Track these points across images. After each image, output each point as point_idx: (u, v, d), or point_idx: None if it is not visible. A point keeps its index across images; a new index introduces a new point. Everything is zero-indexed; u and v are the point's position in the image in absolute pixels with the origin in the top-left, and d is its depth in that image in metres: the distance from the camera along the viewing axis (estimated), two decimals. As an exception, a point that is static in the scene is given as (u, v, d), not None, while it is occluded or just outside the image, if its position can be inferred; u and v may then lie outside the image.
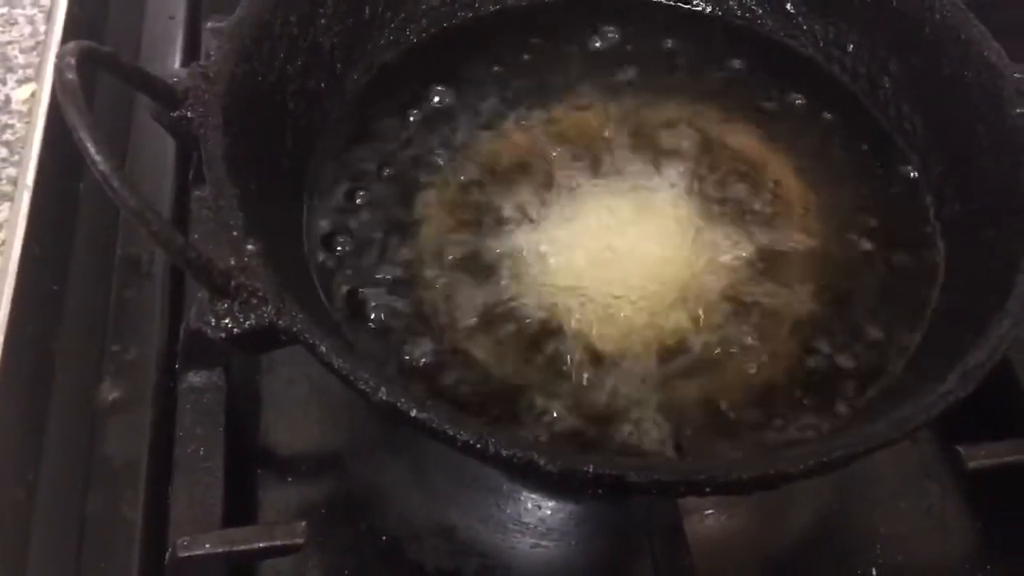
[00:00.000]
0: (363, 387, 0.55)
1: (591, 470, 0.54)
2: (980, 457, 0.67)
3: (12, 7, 0.96)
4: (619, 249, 0.72)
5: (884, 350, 0.68)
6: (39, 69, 0.86)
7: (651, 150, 0.78)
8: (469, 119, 0.79)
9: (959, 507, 0.72)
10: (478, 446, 0.54)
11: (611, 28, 0.85)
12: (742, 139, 0.79)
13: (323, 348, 0.56)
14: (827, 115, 0.82)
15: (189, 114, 0.64)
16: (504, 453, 0.54)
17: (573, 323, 0.68)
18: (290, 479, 0.73)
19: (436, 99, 0.80)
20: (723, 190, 0.76)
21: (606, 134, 0.79)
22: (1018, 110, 0.70)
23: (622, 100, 0.82)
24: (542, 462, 0.54)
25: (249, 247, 0.58)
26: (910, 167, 0.79)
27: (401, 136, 0.77)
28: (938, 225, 0.75)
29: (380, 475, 0.72)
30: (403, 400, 0.55)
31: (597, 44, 0.87)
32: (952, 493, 0.72)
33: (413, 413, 0.55)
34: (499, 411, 0.64)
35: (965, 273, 0.71)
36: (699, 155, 0.78)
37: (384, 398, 0.55)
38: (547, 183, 0.75)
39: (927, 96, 0.78)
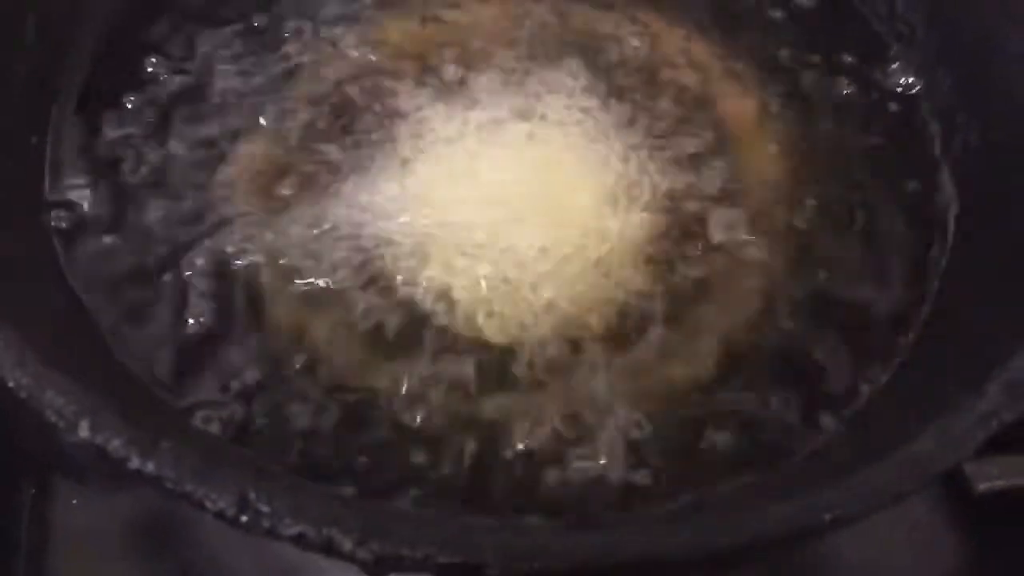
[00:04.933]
0: (51, 417, 0.35)
1: (426, 556, 0.34)
2: (991, 477, 0.58)
3: None
4: (506, 196, 0.58)
5: (875, 335, 0.56)
6: None
7: (555, 59, 0.64)
8: (282, 34, 0.65)
9: (948, 526, 0.63)
10: (241, 517, 0.34)
11: None
12: (681, 45, 0.67)
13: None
14: (797, 12, 0.69)
15: None
16: (285, 530, 0.35)
17: (442, 298, 0.55)
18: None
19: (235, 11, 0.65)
20: (654, 116, 0.62)
21: (489, 40, 0.65)
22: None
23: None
24: (347, 545, 0.35)
25: None
26: (908, 82, 0.66)
27: (192, 61, 0.63)
28: (946, 161, 0.62)
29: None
30: (119, 442, 0.34)
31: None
32: (939, 510, 0.63)
33: (134, 464, 0.34)
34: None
35: (985, 232, 0.59)
36: (620, 67, 0.64)
37: (85, 436, 0.35)
38: (401, 112, 0.61)
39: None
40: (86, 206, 0.57)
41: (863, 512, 0.41)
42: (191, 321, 0.53)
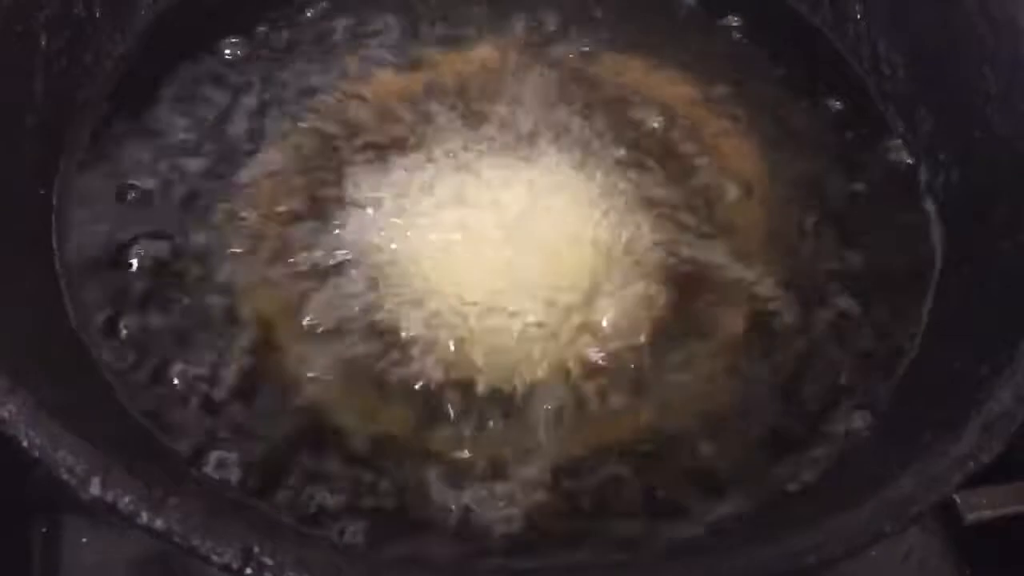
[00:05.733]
0: (63, 475, 0.36)
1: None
2: (980, 507, 0.58)
3: None
4: (506, 243, 0.58)
5: (856, 378, 0.56)
6: None
7: (552, 107, 0.64)
8: (307, 64, 0.66)
9: (942, 554, 0.62)
10: (246, 570, 0.36)
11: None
12: (671, 89, 0.67)
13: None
14: (779, 56, 0.69)
15: None
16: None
17: (440, 348, 0.55)
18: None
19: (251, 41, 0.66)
20: (647, 160, 0.63)
21: (495, 85, 0.65)
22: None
23: (515, 37, 0.68)
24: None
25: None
26: (889, 123, 0.66)
27: (207, 95, 0.64)
28: (930, 202, 0.62)
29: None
30: (129, 499, 0.35)
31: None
32: (934, 539, 0.62)
33: (143, 520, 0.35)
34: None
35: (968, 272, 0.58)
36: (613, 112, 0.64)
37: (96, 493, 0.36)
38: (409, 154, 0.61)
39: (912, 29, 0.66)
40: (93, 255, 0.56)
41: (846, 553, 0.41)
42: (196, 368, 0.53)
